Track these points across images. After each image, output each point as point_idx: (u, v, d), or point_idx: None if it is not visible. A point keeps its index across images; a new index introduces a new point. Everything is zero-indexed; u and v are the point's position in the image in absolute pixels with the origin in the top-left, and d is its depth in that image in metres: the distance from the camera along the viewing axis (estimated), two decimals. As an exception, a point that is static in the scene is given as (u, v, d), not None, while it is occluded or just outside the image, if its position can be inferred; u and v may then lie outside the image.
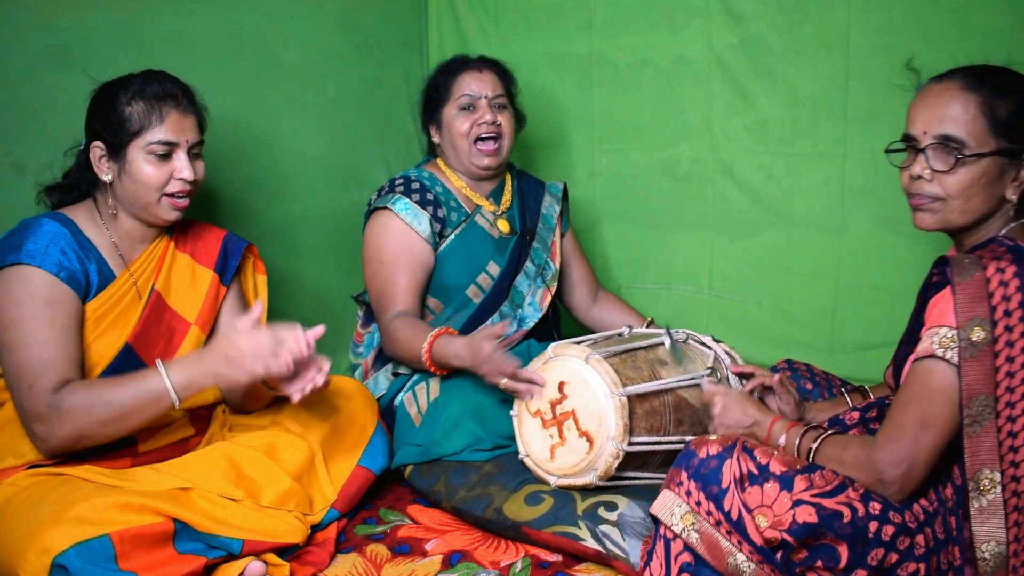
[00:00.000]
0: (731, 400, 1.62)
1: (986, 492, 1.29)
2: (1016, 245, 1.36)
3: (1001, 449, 1.29)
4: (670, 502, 1.43)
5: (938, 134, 1.41)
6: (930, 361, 1.33)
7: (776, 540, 1.36)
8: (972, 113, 1.39)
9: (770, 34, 2.33)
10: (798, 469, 1.39)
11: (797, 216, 2.39)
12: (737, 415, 1.60)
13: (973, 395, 1.29)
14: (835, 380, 1.93)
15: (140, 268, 1.79)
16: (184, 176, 1.72)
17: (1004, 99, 1.38)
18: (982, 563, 1.30)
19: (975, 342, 1.29)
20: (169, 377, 1.58)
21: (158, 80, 1.74)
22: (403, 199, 2.15)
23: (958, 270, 1.33)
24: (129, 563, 1.45)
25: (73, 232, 1.71)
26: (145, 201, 1.73)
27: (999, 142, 1.38)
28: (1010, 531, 1.29)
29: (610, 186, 2.71)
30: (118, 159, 1.70)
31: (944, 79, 1.44)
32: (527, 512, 1.75)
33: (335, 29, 2.63)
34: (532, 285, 2.27)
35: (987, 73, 1.42)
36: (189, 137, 1.74)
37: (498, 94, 2.22)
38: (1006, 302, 1.29)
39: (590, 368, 1.74)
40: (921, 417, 1.33)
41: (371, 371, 2.25)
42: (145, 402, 1.59)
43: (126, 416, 1.59)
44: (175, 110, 1.72)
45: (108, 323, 1.73)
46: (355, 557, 1.75)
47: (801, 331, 2.43)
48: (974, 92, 1.39)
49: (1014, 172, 1.40)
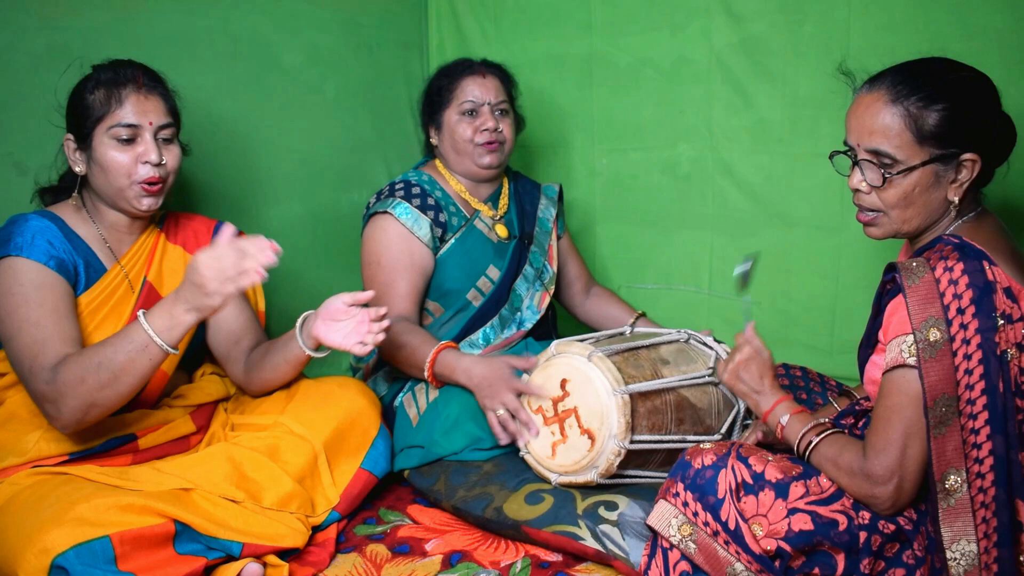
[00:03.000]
0: (758, 360, 1.56)
1: (953, 493, 1.29)
2: (962, 242, 1.35)
3: (965, 447, 1.28)
4: (667, 513, 1.43)
5: (868, 148, 1.39)
6: (903, 370, 1.32)
7: (773, 549, 1.36)
8: (899, 127, 1.36)
9: (770, 34, 2.33)
10: (793, 476, 1.39)
11: (797, 216, 2.39)
12: (753, 375, 1.55)
13: (936, 395, 1.28)
14: (830, 383, 1.93)
15: (131, 261, 1.80)
16: (150, 159, 1.70)
17: (932, 107, 1.35)
18: (953, 563, 1.29)
19: (932, 342, 1.29)
20: (149, 324, 1.56)
21: (120, 66, 1.74)
22: (404, 203, 2.15)
23: (907, 274, 1.32)
24: (129, 564, 1.45)
25: (60, 227, 1.71)
26: (116, 188, 1.71)
27: (929, 151, 1.36)
28: (979, 528, 1.28)
29: (610, 186, 2.71)
30: (86, 148, 1.71)
31: (874, 87, 1.41)
32: (527, 511, 1.75)
33: (335, 29, 2.63)
34: (531, 288, 2.27)
35: (918, 76, 1.38)
36: (153, 119, 1.71)
37: (500, 100, 2.22)
38: (958, 300, 1.29)
39: (592, 366, 1.74)
40: (905, 428, 1.31)
41: (372, 373, 2.25)
42: (134, 355, 1.56)
43: (121, 374, 1.56)
44: (135, 92, 1.70)
45: (103, 316, 1.73)
46: (355, 557, 1.75)
47: (801, 331, 2.43)
48: (900, 104, 1.36)
49: (952, 175, 1.37)
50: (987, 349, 1.27)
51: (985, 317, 1.28)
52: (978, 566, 1.28)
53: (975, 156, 1.36)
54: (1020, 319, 1.30)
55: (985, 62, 1.45)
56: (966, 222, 1.41)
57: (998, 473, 1.27)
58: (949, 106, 1.35)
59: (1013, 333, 1.30)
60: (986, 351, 1.27)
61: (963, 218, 1.41)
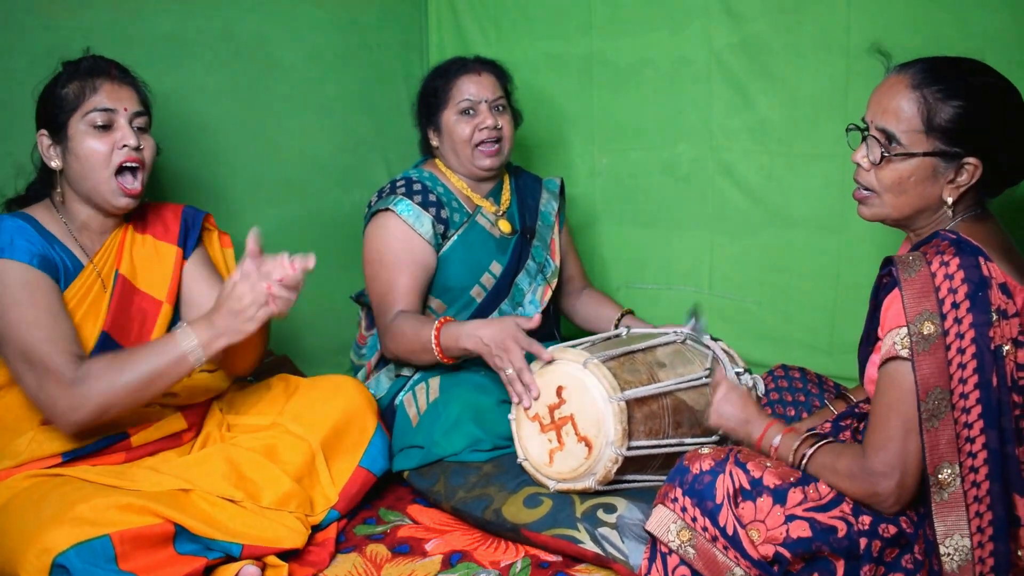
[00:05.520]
0: (734, 394, 1.60)
1: (947, 486, 1.29)
2: (959, 238, 1.35)
3: (958, 441, 1.28)
4: (666, 519, 1.43)
5: (878, 126, 1.41)
6: (897, 363, 1.33)
7: (771, 555, 1.36)
8: (911, 111, 1.37)
9: (770, 34, 2.33)
10: (792, 482, 1.39)
11: (797, 216, 2.39)
12: (735, 407, 1.58)
13: (929, 389, 1.28)
14: (828, 383, 1.93)
15: (102, 259, 1.79)
16: (128, 143, 1.71)
17: (949, 102, 1.35)
18: (946, 559, 1.29)
19: (926, 336, 1.29)
20: (189, 342, 1.61)
21: (91, 59, 1.76)
22: (405, 200, 2.15)
23: (903, 268, 1.33)
24: (129, 564, 1.46)
25: (34, 226, 1.71)
26: (94, 181, 1.71)
27: (933, 144, 1.36)
28: (972, 522, 1.28)
29: (610, 186, 2.71)
30: (61, 140, 1.71)
31: (903, 70, 1.42)
32: (526, 514, 1.74)
33: (335, 29, 2.63)
34: (533, 282, 2.27)
35: (947, 70, 1.38)
36: (128, 106, 1.73)
37: (498, 96, 2.21)
38: (953, 294, 1.29)
39: (588, 372, 1.73)
40: (904, 422, 1.32)
41: (374, 372, 2.25)
42: (168, 368, 1.62)
43: (151, 383, 1.62)
44: (108, 82, 1.72)
45: (82, 314, 1.73)
46: (355, 557, 1.75)
47: (801, 331, 2.43)
48: (920, 90, 1.37)
49: (951, 174, 1.38)
50: (981, 344, 1.28)
51: (980, 312, 1.28)
52: (972, 560, 1.28)
53: (977, 162, 1.36)
54: (1015, 315, 1.31)
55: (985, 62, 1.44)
56: (964, 220, 1.41)
57: (992, 467, 1.27)
58: (965, 105, 1.35)
59: (1008, 329, 1.30)
60: (980, 346, 1.28)
61: (962, 217, 1.42)
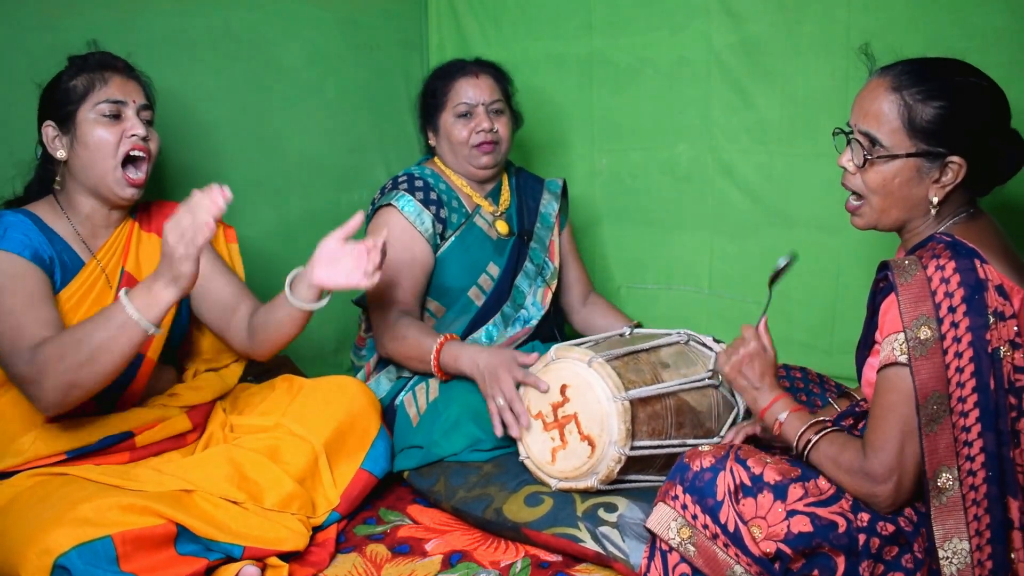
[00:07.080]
0: (762, 358, 1.57)
1: (945, 491, 1.29)
2: (954, 240, 1.35)
3: (956, 445, 1.28)
4: (666, 516, 1.43)
5: (861, 129, 1.42)
6: (895, 368, 1.33)
7: (772, 552, 1.36)
8: (893, 114, 1.38)
9: (770, 34, 2.33)
10: (792, 478, 1.39)
11: (797, 216, 2.39)
12: (755, 373, 1.55)
13: (927, 393, 1.29)
14: (829, 383, 1.93)
15: (107, 254, 1.79)
16: (137, 132, 1.73)
17: (930, 102, 1.36)
18: (945, 562, 1.29)
19: (923, 340, 1.29)
20: (129, 302, 1.55)
21: (97, 54, 1.78)
22: (407, 196, 2.15)
23: (899, 272, 1.33)
24: (131, 564, 1.45)
25: (35, 222, 1.72)
26: (101, 170, 1.72)
27: (916, 145, 1.37)
28: (970, 525, 1.28)
29: (609, 186, 2.71)
30: (69, 130, 1.72)
31: (884, 73, 1.42)
32: (527, 513, 1.75)
33: (335, 29, 2.63)
34: (532, 284, 2.27)
35: (927, 71, 1.39)
36: (136, 98, 1.76)
37: (495, 99, 2.21)
38: (949, 298, 1.29)
39: (593, 371, 1.73)
40: (902, 426, 1.32)
41: (373, 373, 2.25)
42: (114, 333, 1.53)
43: (100, 353, 1.53)
44: (117, 75, 1.76)
45: (84, 311, 1.72)
46: (355, 557, 1.75)
47: (801, 331, 2.43)
48: (900, 92, 1.38)
49: (936, 174, 1.38)
50: (978, 347, 1.28)
51: (976, 315, 1.28)
52: (970, 564, 1.28)
53: (961, 161, 1.36)
54: (1012, 316, 1.31)
55: (985, 62, 1.45)
56: (958, 221, 1.41)
57: (989, 470, 1.27)
58: (946, 105, 1.35)
59: (1006, 330, 1.30)
60: (977, 349, 1.28)
61: (955, 218, 1.42)
